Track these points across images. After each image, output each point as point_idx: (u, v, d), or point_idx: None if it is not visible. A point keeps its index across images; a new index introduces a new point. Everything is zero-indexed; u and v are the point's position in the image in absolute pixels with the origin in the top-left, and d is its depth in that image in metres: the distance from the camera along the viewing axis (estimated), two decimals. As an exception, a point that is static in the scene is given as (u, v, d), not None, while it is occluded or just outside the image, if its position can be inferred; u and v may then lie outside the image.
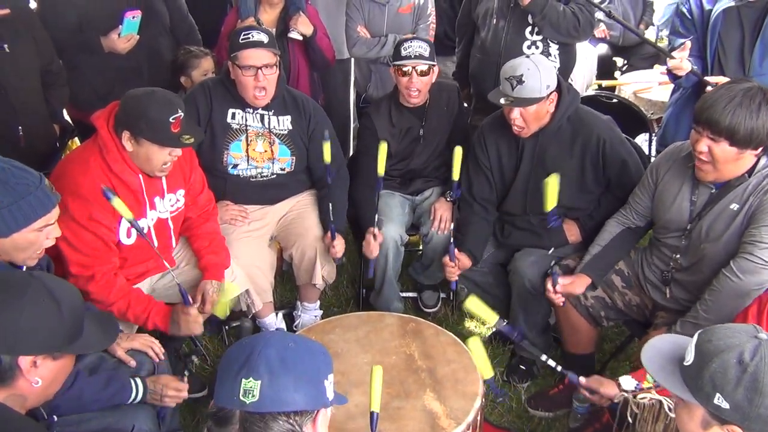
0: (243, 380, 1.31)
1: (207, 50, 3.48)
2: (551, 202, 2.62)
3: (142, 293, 2.57)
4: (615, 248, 2.68)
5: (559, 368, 2.35)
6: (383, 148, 2.92)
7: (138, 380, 2.16)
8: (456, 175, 2.91)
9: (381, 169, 2.94)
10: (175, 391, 2.20)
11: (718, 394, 1.41)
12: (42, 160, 2.96)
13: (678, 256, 2.51)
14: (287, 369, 1.33)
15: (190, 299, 2.55)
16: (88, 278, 2.42)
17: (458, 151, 2.88)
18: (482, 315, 2.40)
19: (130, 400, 2.12)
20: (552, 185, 2.59)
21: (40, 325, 1.54)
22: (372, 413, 2.01)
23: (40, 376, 1.57)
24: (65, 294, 1.63)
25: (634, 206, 2.66)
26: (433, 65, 3.06)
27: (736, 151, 2.19)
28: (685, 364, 1.50)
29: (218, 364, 1.42)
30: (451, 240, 2.91)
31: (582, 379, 2.24)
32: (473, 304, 2.37)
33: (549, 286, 2.66)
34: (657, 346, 1.63)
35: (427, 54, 3.02)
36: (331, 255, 3.01)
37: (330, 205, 2.97)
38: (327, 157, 2.90)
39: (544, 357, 2.41)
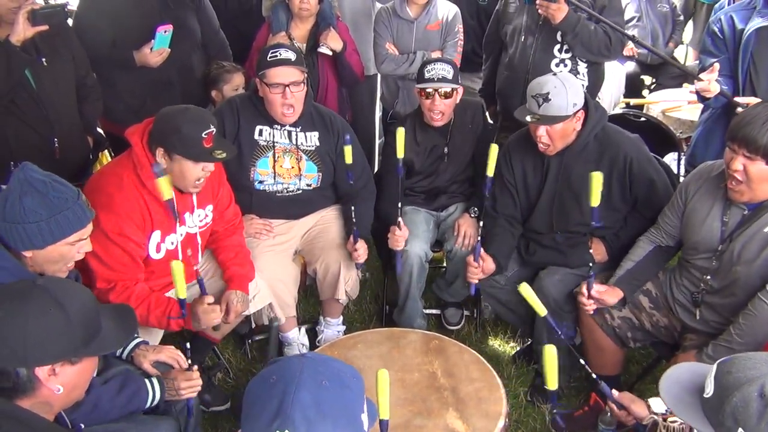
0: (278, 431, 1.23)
1: (239, 66, 3.53)
2: (595, 198, 2.50)
3: (161, 295, 2.57)
4: (648, 265, 2.65)
5: (594, 375, 2.30)
6: (401, 133, 2.92)
7: (153, 380, 2.16)
8: (490, 171, 2.81)
9: (400, 152, 2.95)
10: (187, 381, 2.19)
11: (740, 429, 1.37)
12: (75, 172, 3.02)
13: (708, 277, 2.46)
14: (324, 415, 1.24)
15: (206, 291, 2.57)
16: (109, 290, 2.44)
17: (494, 149, 2.79)
18: (533, 303, 2.37)
19: (149, 401, 2.11)
20: (596, 180, 2.46)
21: (48, 333, 1.53)
22: (381, 421, 1.84)
23: (61, 383, 1.56)
24: (73, 297, 1.62)
25: (663, 226, 2.63)
26: (457, 88, 3.07)
27: None
28: (705, 396, 1.46)
29: (243, 398, 1.33)
30: (479, 243, 2.86)
31: (615, 392, 2.20)
32: (526, 290, 2.36)
33: (584, 289, 2.62)
34: (675, 376, 1.60)
35: (450, 76, 3.03)
36: (353, 259, 3.00)
37: (353, 210, 2.99)
38: (348, 158, 2.94)
39: (582, 361, 2.38)
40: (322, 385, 1.27)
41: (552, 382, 2.13)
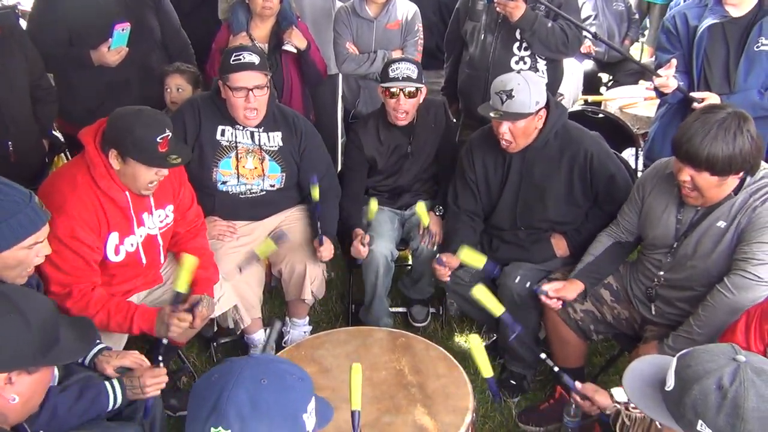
0: (212, 429, 1.23)
1: (184, 66, 3.44)
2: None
3: (122, 300, 2.52)
4: (607, 259, 2.70)
5: (556, 368, 2.33)
6: (373, 206, 2.97)
7: (114, 381, 2.10)
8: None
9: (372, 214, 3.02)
10: (153, 378, 2.15)
11: (700, 421, 1.40)
12: (31, 176, 2.96)
13: (662, 273, 2.53)
14: (259, 414, 1.25)
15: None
16: (66, 295, 2.38)
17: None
18: (488, 304, 2.40)
19: (110, 404, 2.07)
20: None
21: (7, 340, 1.49)
22: (353, 412, 1.93)
23: (16, 393, 1.52)
24: (34, 305, 1.58)
25: (622, 222, 2.68)
26: (421, 87, 3.08)
27: (718, 179, 2.22)
28: (667, 389, 1.49)
29: (190, 394, 1.34)
30: (437, 255, 2.94)
31: (578, 384, 2.23)
32: (480, 292, 2.38)
33: (542, 299, 2.67)
34: (637, 370, 1.63)
35: (414, 76, 3.04)
36: (318, 258, 2.98)
37: (318, 212, 2.98)
38: (315, 196, 2.91)
39: (543, 355, 2.39)
40: (260, 383, 1.28)
41: (486, 370, 2.23)
